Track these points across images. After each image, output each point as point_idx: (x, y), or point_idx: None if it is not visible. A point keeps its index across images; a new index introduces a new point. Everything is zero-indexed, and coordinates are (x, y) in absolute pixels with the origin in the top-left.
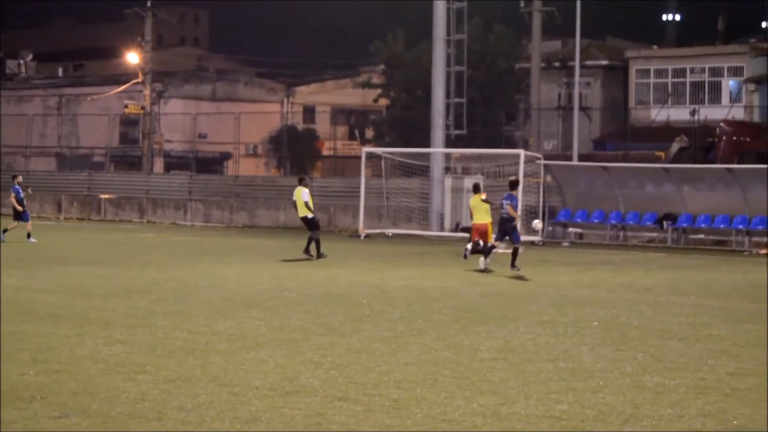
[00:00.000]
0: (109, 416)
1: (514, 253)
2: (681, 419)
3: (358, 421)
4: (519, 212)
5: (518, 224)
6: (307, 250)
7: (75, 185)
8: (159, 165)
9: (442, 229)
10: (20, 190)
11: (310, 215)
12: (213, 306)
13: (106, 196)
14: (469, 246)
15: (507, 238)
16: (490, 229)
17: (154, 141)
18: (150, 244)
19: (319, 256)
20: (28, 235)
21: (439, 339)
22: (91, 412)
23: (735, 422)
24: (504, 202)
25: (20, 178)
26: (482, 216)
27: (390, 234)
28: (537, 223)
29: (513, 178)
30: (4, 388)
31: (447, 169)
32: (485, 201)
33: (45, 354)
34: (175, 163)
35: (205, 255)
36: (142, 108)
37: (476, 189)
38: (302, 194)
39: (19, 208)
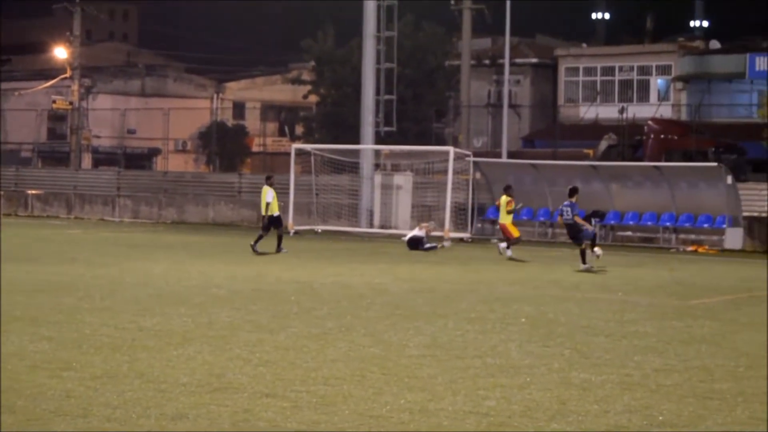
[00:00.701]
0: (35, 413)
1: (582, 253)
2: (607, 415)
3: (285, 418)
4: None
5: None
6: (279, 249)
7: (2, 181)
8: (87, 161)
9: (371, 225)
10: None
11: (276, 213)
12: (140, 302)
13: (34, 191)
14: (503, 244)
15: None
16: (511, 228)
17: (82, 137)
18: (77, 241)
19: (279, 250)
20: None
21: (367, 335)
22: (16, 409)
23: (660, 418)
24: (565, 209)
25: None
26: (504, 216)
27: (319, 230)
28: (598, 251)
29: (573, 186)
30: None
31: (376, 166)
32: (510, 206)
33: None
34: (103, 159)
35: (133, 251)
36: (70, 103)
37: (507, 190)
38: (267, 194)
39: None
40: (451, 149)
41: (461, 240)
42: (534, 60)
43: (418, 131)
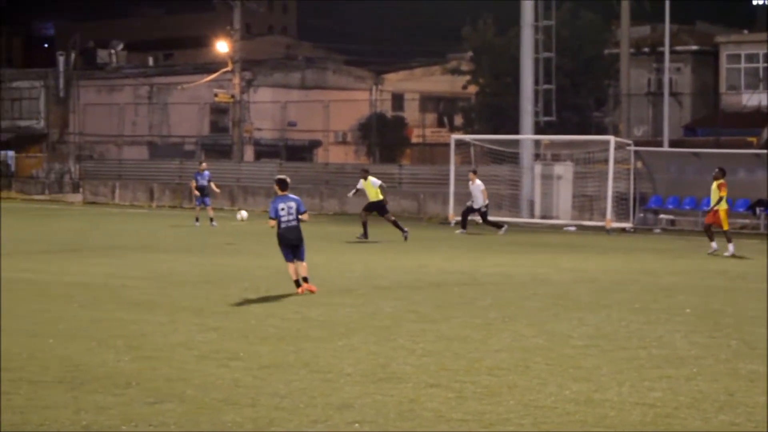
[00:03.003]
0: (203, 402)
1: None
2: None
3: (450, 408)
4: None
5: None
6: (404, 232)
7: (166, 174)
8: (249, 153)
9: (532, 215)
10: (201, 177)
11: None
12: (304, 293)
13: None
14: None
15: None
16: (723, 216)
17: (244, 129)
18: (241, 232)
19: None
20: (211, 219)
21: (530, 326)
22: (185, 398)
23: None
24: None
25: (204, 165)
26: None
27: (480, 221)
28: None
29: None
30: (100, 373)
31: (536, 156)
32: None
33: (139, 340)
34: (265, 151)
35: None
36: (232, 96)
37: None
38: (373, 182)
39: (196, 192)
40: (611, 138)
41: (623, 230)
42: (694, 47)
43: (578, 121)
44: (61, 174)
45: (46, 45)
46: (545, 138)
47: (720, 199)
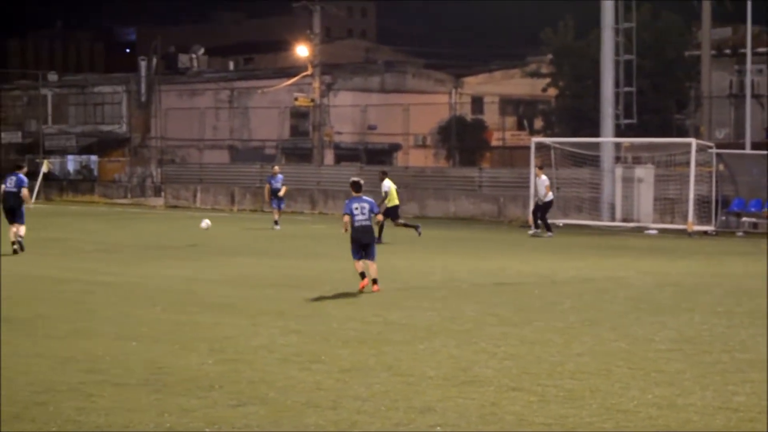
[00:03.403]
0: (286, 405)
1: None
2: None
3: (532, 412)
4: None
5: None
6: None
7: (247, 177)
8: (329, 157)
9: (612, 219)
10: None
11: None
12: (385, 296)
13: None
14: None
15: None
16: None
17: (324, 133)
18: (322, 236)
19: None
20: (275, 222)
21: (612, 329)
22: (267, 401)
23: None
24: None
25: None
26: None
27: (560, 224)
28: None
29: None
30: (184, 376)
31: (617, 159)
32: None
33: (222, 344)
34: (345, 155)
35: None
36: (312, 100)
37: None
38: (385, 185)
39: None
40: (693, 141)
41: (705, 233)
42: None
43: (659, 123)
44: (143, 178)
45: (127, 50)
46: (626, 141)
47: None
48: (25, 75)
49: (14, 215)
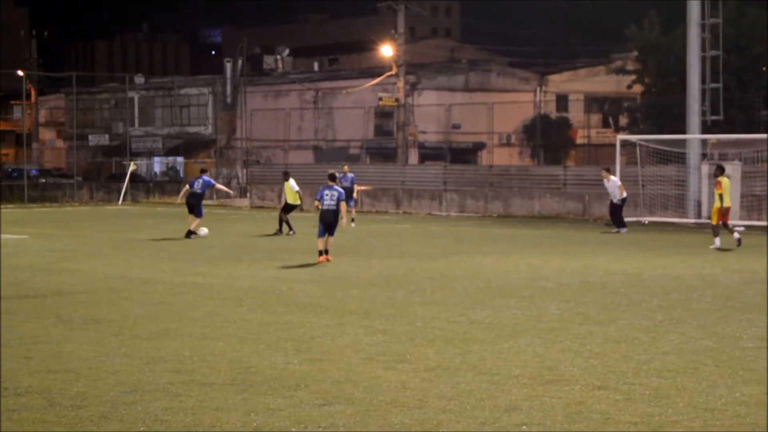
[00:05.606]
0: (372, 404)
1: None
2: None
3: (618, 410)
4: None
5: None
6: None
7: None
8: (414, 156)
9: (699, 216)
10: (344, 179)
11: (292, 202)
12: (470, 295)
13: (363, 187)
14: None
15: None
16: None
17: (408, 133)
18: (407, 235)
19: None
20: (352, 220)
21: (699, 327)
22: (354, 400)
23: None
24: None
25: (347, 168)
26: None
27: (646, 222)
28: None
29: None
30: (270, 376)
31: (703, 156)
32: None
33: (308, 343)
34: (429, 154)
35: (460, 244)
36: (396, 100)
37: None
38: (292, 186)
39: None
40: None
41: None
42: None
43: (745, 119)
44: (228, 179)
45: (213, 52)
46: (712, 137)
47: None
48: (112, 78)
49: (192, 209)
